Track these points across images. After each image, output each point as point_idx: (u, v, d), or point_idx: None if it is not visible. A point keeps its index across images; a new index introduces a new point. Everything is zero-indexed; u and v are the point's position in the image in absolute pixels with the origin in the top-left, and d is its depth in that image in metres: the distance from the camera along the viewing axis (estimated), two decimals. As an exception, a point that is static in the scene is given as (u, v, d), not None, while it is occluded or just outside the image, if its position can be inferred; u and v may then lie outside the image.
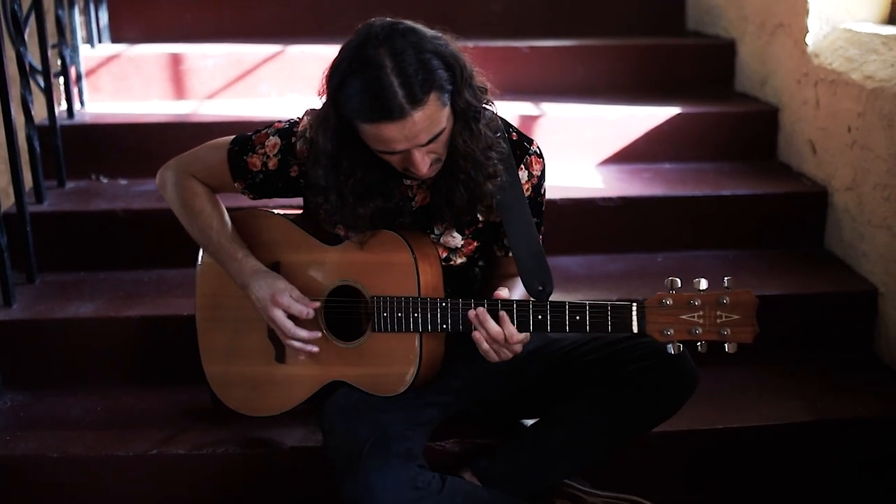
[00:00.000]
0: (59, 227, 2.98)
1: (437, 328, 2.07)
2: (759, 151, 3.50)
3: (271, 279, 2.14)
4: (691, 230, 3.14)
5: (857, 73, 2.95)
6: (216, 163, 2.21)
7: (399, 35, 1.88)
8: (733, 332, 1.90)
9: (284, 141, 2.15)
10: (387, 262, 2.10)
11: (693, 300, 1.91)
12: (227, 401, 2.32)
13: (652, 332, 1.94)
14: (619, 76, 3.80)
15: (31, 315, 2.68)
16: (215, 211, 2.22)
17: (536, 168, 2.18)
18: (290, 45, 3.72)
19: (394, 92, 1.84)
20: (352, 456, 1.98)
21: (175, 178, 2.24)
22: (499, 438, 2.30)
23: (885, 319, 2.81)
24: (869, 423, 2.54)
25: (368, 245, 2.13)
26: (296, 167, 2.15)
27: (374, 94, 1.85)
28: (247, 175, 2.18)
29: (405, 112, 1.85)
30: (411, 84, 1.84)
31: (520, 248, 2.10)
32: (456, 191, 2.05)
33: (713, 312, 1.91)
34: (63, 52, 3.38)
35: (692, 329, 1.92)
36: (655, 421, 2.20)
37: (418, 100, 1.85)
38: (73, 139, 3.27)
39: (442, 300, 2.06)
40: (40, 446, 2.37)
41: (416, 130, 1.88)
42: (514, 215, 2.12)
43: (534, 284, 2.08)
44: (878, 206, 2.83)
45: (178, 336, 2.58)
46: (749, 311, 1.90)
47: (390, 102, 1.84)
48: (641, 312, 1.94)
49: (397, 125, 1.86)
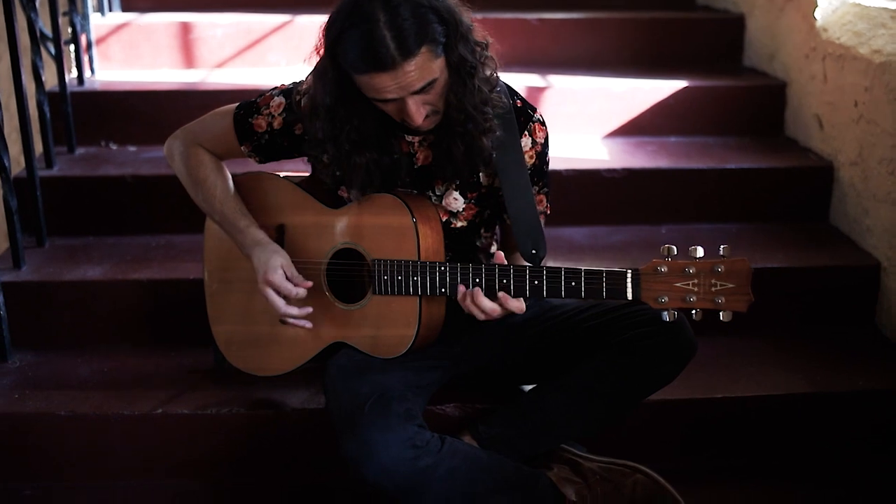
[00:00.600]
0: (68, 192, 3.02)
1: (436, 292, 2.09)
2: (767, 126, 3.50)
3: (269, 253, 2.17)
4: (695, 203, 3.15)
5: (864, 47, 2.95)
6: (222, 129, 2.23)
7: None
8: (728, 301, 1.90)
9: (288, 100, 2.19)
10: (387, 226, 2.12)
11: (688, 268, 1.91)
12: (234, 360, 2.35)
13: (646, 300, 1.95)
14: (627, 49, 3.80)
15: (41, 277, 2.72)
16: (219, 179, 2.25)
17: (540, 135, 2.20)
18: (298, 14, 3.74)
19: (386, 45, 1.88)
20: (352, 414, 2.01)
21: (182, 147, 2.27)
22: (498, 403, 2.32)
23: (887, 294, 2.82)
24: (869, 396, 2.55)
25: (370, 208, 2.15)
26: (300, 125, 2.18)
27: (367, 45, 1.89)
28: (252, 137, 2.21)
29: (396, 63, 1.89)
30: (404, 37, 1.88)
31: (515, 211, 2.14)
32: (453, 145, 2.08)
33: (708, 280, 1.91)
34: (74, 20, 3.41)
35: (686, 297, 1.92)
36: (654, 387, 2.21)
37: (410, 51, 1.89)
38: (83, 106, 3.29)
39: (441, 264, 2.08)
40: (48, 405, 2.41)
41: (408, 80, 1.92)
42: (512, 178, 2.14)
43: (527, 247, 2.12)
44: (884, 181, 2.83)
45: (184, 299, 2.62)
46: (744, 280, 1.90)
47: (382, 54, 1.88)
48: (636, 280, 1.95)
49: (388, 75, 1.90)
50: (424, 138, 2.16)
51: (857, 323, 2.88)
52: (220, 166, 2.28)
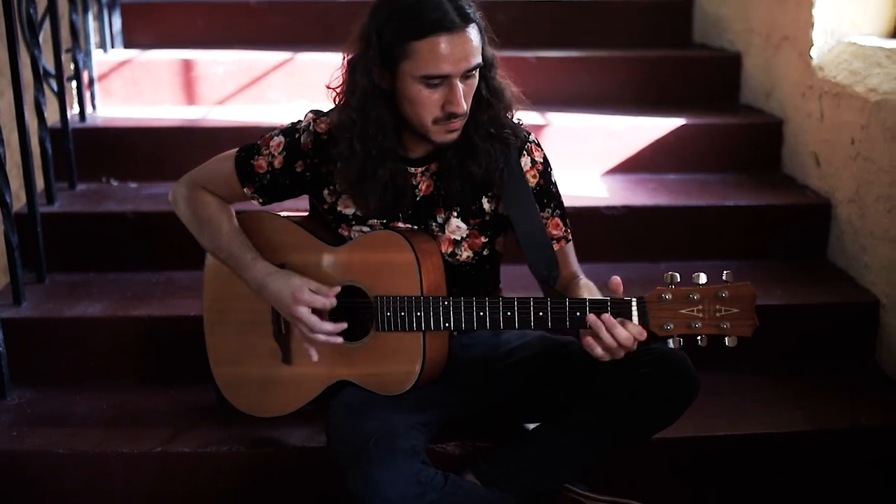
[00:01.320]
0: (69, 228, 3.02)
1: (439, 327, 2.09)
2: (764, 163, 3.52)
3: (287, 277, 2.17)
4: (695, 240, 3.16)
5: (860, 85, 2.98)
6: (225, 173, 2.25)
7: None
8: (732, 326, 1.91)
9: (288, 138, 2.20)
10: (389, 262, 2.13)
11: (692, 294, 1.92)
12: (236, 402, 2.35)
13: (653, 328, 1.95)
14: (625, 87, 3.83)
15: (41, 314, 2.72)
16: (223, 216, 2.27)
17: (538, 155, 2.23)
18: (299, 52, 3.76)
19: (446, 9, 1.97)
20: (357, 451, 2.00)
21: (186, 192, 2.29)
22: (500, 441, 2.32)
23: (886, 330, 2.83)
24: (870, 434, 2.55)
25: (371, 245, 2.16)
26: (301, 162, 2.20)
27: (429, 7, 1.97)
28: (254, 178, 2.22)
29: (457, 25, 1.97)
30: (459, 6, 1.98)
31: (523, 233, 2.16)
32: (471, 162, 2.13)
33: (712, 306, 1.91)
34: (76, 57, 3.43)
35: (692, 323, 1.92)
36: (657, 427, 2.21)
37: (467, 19, 1.99)
38: (85, 142, 3.31)
39: (444, 299, 2.09)
40: (47, 442, 2.40)
41: (467, 50, 1.99)
42: (519, 203, 2.17)
43: (541, 270, 2.14)
44: (881, 218, 2.85)
45: (184, 336, 2.61)
46: (748, 305, 1.90)
47: (445, 15, 1.97)
48: (642, 308, 1.95)
49: (452, 37, 1.98)
50: (427, 168, 2.18)
51: (857, 359, 2.88)
52: (223, 205, 2.29)
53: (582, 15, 4.19)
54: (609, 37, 4.13)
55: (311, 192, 2.26)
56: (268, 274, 2.18)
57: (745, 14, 3.81)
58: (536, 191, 2.21)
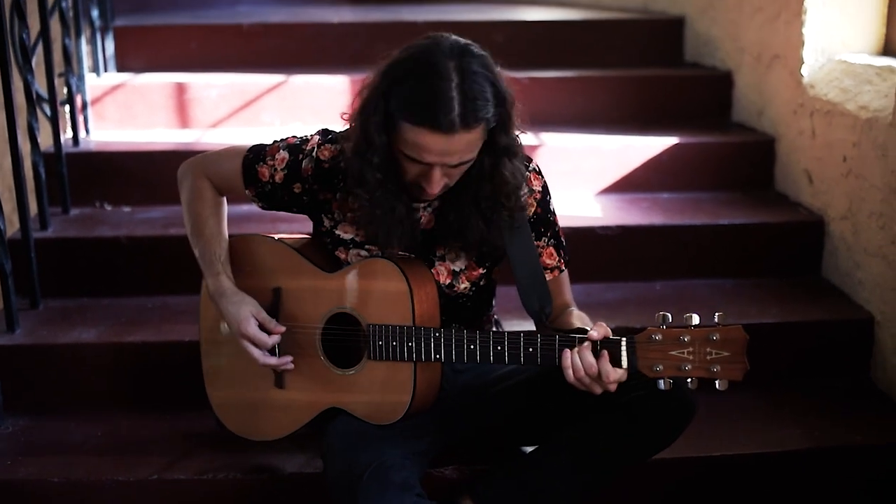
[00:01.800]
0: (62, 253, 3.01)
1: (430, 358, 2.09)
2: (757, 181, 3.53)
3: (238, 305, 2.17)
4: (689, 259, 3.17)
5: (851, 103, 2.99)
6: (231, 168, 2.26)
7: (472, 56, 1.94)
8: (723, 369, 1.88)
9: (292, 157, 2.20)
10: (383, 291, 2.12)
11: (682, 336, 1.89)
12: (230, 424, 2.34)
13: (642, 368, 1.92)
14: (618, 107, 3.83)
15: (34, 340, 2.71)
16: (212, 220, 2.27)
17: (536, 184, 2.21)
18: (293, 74, 3.77)
19: (451, 107, 1.88)
20: (350, 485, 1.99)
21: (192, 176, 2.30)
22: (497, 465, 2.30)
23: (881, 347, 2.83)
24: (867, 452, 2.55)
25: (365, 273, 2.15)
26: (299, 185, 2.19)
27: (432, 100, 1.89)
28: (257, 184, 2.23)
29: (454, 129, 1.89)
30: (469, 107, 1.89)
31: (519, 267, 2.14)
32: (471, 221, 2.09)
33: (703, 349, 1.88)
34: (69, 81, 3.43)
35: (681, 365, 1.90)
36: (653, 450, 2.19)
37: (469, 124, 1.90)
38: (78, 166, 3.31)
39: (436, 330, 2.08)
40: (42, 471, 2.38)
41: (455, 150, 1.93)
42: (515, 237, 2.15)
43: (533, 304, 2.12)
44: (874, 235, 2.86)
45: (180, 362, 2.61)
46: (738, 348, 1.87)
47: (443, 115, 1.88)
48: (632, 348, 1.93)
49: (441, 138, 1.90)
50: (429, 203, 2.17)
51: (852, 376, 2.89)
52: (218, 206, 2.29)
53: (575, 35, 4.20)
54: (602, 57, 4.14)
55: (308, 214, 2.26)
56: (222, 294, 2.19)
57: (735, 33, 3.82)
58: (533, 220, 2.20)
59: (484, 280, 2.26)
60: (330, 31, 4.11)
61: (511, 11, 4.72)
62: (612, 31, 4.25)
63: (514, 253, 2.15)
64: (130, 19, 4.22)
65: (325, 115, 3.55)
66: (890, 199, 2.76)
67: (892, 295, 2.77)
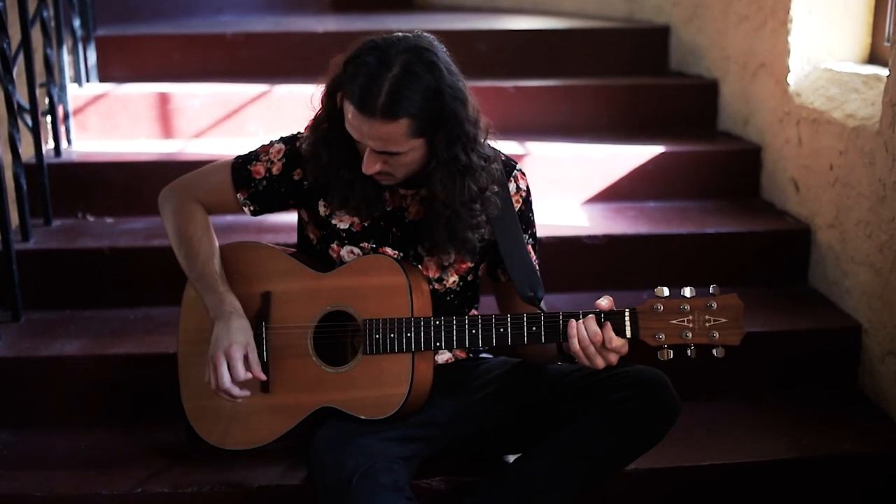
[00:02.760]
0: (44, 265, 2.98)
1: (430, 346, 2.11)
2: (743, 190, 3.53)
3: (238, 330, 2.16)
4: (676, 268, 3.15)
5: (838, 111, 2.99)
6: (218, 180, 2.26)
7: (422, 63, 1.99)
8: (721, 335, 1.99)
9: (289, 146, 2.23)
10: (379, 285, 2.14)
11: (682, 305, 2.00)
12: (207, 436, 2.30)
13: (645, 338, 2.01)
14: (603, 115, 3.83)
15: (16, 353, 2.67)
16: (206, 239, 2.26)
17: (522, 183, 2.27)
18: (276, 84, 3.75)
19: (378, 93, 1.95)
20: (340, 488, 1.98)
21: (176, 200, 2.29)
22: (484, 475, 2.29)
23: (869, 355, 2.83)
24: (855, 461, 2.55)
25: (361, 269, 2.17)
26: (300, 171, 2.21)
27: (367, 82, 1.97)
28: (250, 184, 2.23)
29: (372, 114, 1.96)
30: (395, 100, 1.95)
31: (511, 259, 2.18)
32: (437, 229, 2.13)
33: (702, 316, 2.00)
34: (51, 91, 3.40)
35: (683, 333, 1.99)
36: (639, 450, 2.19)
37: (388, 115, 1.96)
38: (60, 177, 3.27)
39: (436, 319, 2.11)
40: (24, 485, 2.35)
41: (373, 135, 1.99)
42: (505, 227, 2.19)
43: (525, 290, 2.16)
44: (861, 243, 2.85)
45: (162, 374, 2.55)
46: (736, 314, 1.99)
47: (369, 99, 1.96)
48: (634, 318, 2.02)
49: (363, 119, 1.97)
50: (416, 192, 2.19)
51: (840, 385, 2.88)
52: (209, 228, 2.28)
53: (560, 44, 4.21)
54: (587, 65, 4.14)
55: (305, 202, 2.26)
56: (228, 313, 2.18)
57: (721, 42, 3.83)
58: (518, 215, 2.23)
59: (471, 275, 2.29)
60: (314, 41, 4.09)
61: (495, 20, 4.72)
62: (598, 39, 4.24)
63: (504, 243, 2.19)
64: (112, 29, 4.19)
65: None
66: (877, 208, 2.76)
67: (879, 303, 2.76)
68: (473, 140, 2.07)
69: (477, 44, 4.04)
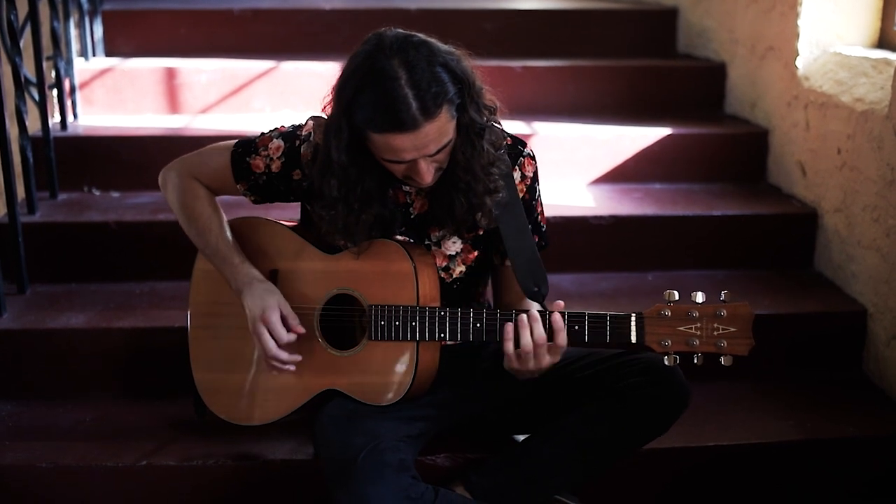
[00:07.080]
0: (50, 238, 2.98)
1: (434, 337, 2.09)
2: (749, 173, 3.53)
3: (265, 292, 2.14)
4: (681, 250, 3.16)
5: (846, 95, 2.99)
6: (219, 165, 2.23)
7: (412, 47, 1.92)
8: (730, 345, 1.94)
9: (288, 144, 2.17)
10: (386, 271, 2.12)
11: (691, 312, 1.95)
12: (217, 409, 2.30)
13: (650, 343, 1.97)
14: (610, 97, 3.82)
15: (22, 325, 2.68)
16: (215, 215, 2.24)
17: (529, 170, 2.21)
18: (283, 61, 3.74)
19: (408, 104, 1.88)
20: (345, 466, 1.98)
21: (177, 179, 2.26)
22: (490, 453, 2.30)
23: (874, 339, 2.83)
24: (859, 444, 2.55)
25: (369, 254, 2.14)
26: (299, 171, 2.17)
27: (388, 104, 1.88)
28: (249, 177, 2.20)
29: (418, 124, 1.89)
30: (424, 97, 1.89)
31: (515, 250, 2.15)
32: (456, 200, 2.09)
33: (710, 324, 1.95)
34: (58, 65, 3.39)
35: (690, 340, 1.95)
36: (648, 437, 2.20)
37: (431, 112, 1.89)
38: (66, 151, 3.27)
39: (440, 309, 2.08)
40: (30, 456, 2.36)
41: (427, 141, 1.92)
42: (510, 218, 2.15)
43: (529, 285, 2.13)
44: (868, 228, 2.85)
45: (168, 348, 2.58)
46: (745, 324, 1.94)
47: (404, 114, 1.88)
48: (640, 323, 1.97)
49: (409, 136, 1.90)
50: (422, 188, 2.15)
51: (845, 368, 2.89)
52: (214, 202, 2.26)
53: (567, 25, 4.18)
54: (594, 47, 4.13)
55: (306, 200, 2.24)
56: (248, 282, 2.16)
57: (729, 25, 3.81)
58: (523, 203, 2.20)
59: (478, 264, 2.25)
60: (321, 18, 4.07)
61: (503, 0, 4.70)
62: (606, 20, 4.22)
63: (508, 234, 2.16)
64: (119, 3, 4.17)
65: (316, 101, 3.47)
66: (884, 192, 2.75)
67: (885, 287, 2.76)
68: (480, 95, 2.02)
69: (484, 24, 4.02)
